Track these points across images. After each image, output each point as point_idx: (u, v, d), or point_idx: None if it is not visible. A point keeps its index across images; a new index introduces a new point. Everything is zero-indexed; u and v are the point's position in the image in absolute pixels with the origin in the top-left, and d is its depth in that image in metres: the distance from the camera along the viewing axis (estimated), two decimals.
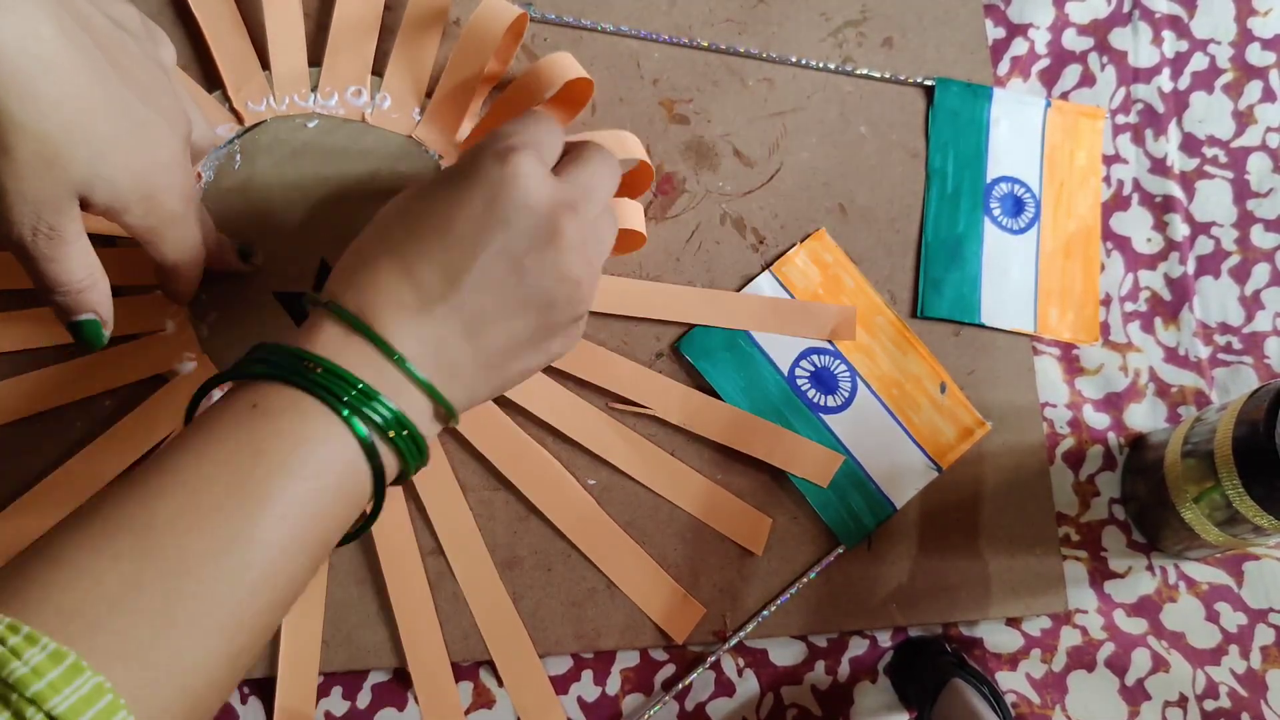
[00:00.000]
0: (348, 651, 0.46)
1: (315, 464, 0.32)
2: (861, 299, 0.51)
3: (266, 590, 0.31)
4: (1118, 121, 0.56)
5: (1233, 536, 0.46)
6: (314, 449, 0.32)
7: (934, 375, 0.51)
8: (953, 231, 0.52)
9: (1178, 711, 0.49)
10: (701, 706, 0.48)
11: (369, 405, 0.33)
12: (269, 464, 0.31)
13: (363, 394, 0.33)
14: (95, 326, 0.38)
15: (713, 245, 0.51)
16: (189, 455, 0.31)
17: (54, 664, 0.26)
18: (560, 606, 0.47)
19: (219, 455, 0.31)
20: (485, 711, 0.47)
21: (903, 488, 0.50)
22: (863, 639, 0.50)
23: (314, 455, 0.32)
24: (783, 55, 0.53)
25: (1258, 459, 0.42)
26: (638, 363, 0.49)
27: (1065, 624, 0.50)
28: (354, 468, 0.33)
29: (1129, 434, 0.53)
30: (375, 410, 0.33)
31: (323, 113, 0.49)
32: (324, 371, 0.32)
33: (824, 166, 0.52)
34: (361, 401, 0.33)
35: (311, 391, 0.32)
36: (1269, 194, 0.55)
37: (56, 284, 0.36)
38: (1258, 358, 0.54)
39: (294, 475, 0.31)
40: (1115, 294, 0.54)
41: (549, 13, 0.51)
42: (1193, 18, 0.56)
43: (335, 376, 0.32)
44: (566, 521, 0.47)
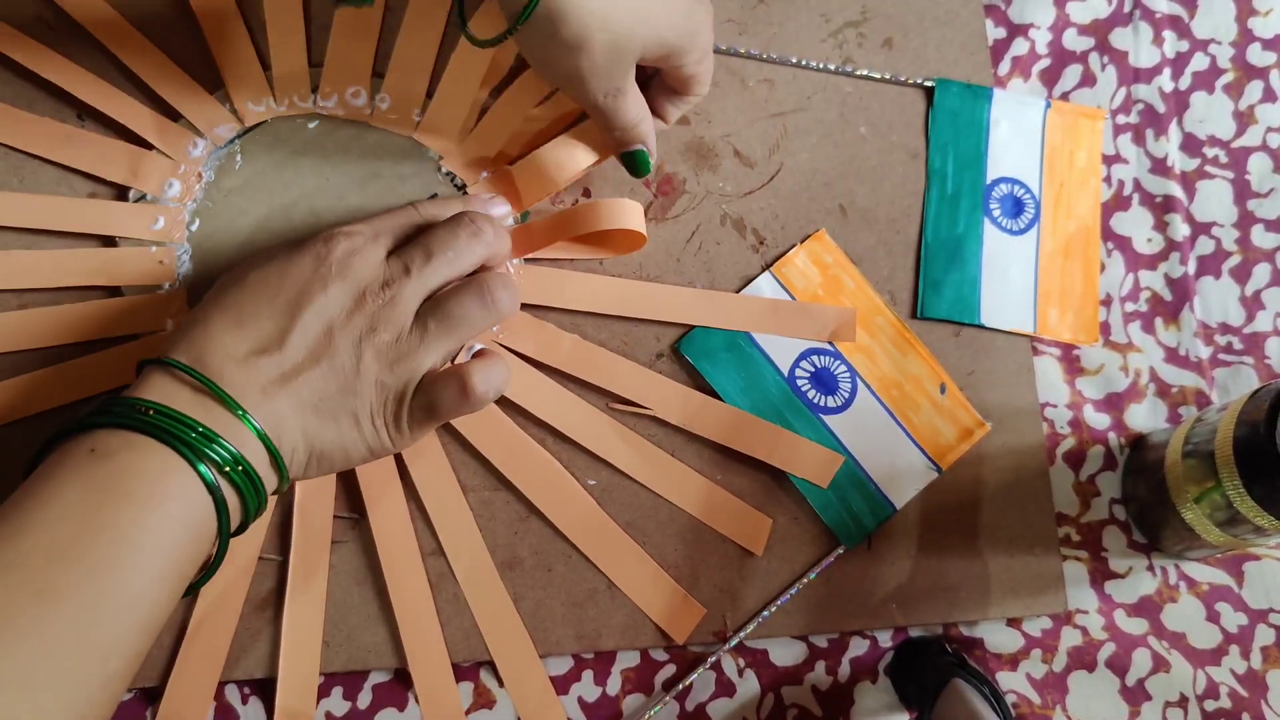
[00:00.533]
0: (348, 652, 0.46)
1: (159, 495, 0.33)
2: (861, 300, 0.51)
3: (132, 614, 0.32)
4: (1118, 121, 0.56)
5: (1233, 537, 0.46)
6: (155, 482, 0.33)
7: (934, 376, 0.51)
8: (952, 232, 0.52)
9: (1178, 712, 0.49)
10: (702, 707, 0.48)
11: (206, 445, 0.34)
12: (115, 498, 0.32)
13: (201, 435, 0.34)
14: (644, 155, 0.46)
15: (713, 246, 0.51)
16: (37, 500, 0.32)
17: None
18: (561, 607, 0.47)
19: (67, 496, 0.32)
20: (486, 712, 0.47)
21: (903, 488, 0.50)
22: (863, 639, 0.50)
23: (157, 487, 0.33)
24: (783, 56, 0.53)
25: (1258, 459, 0.42)
26: (638, 363, 0.49)
27: (1066, 624, 0.50)
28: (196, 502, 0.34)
29: (1129, 434, 0.53)
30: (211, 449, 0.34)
31: (323, 113, 0.49)
32: (156, 413, 0.34)
33: (824, 167, 0.52)
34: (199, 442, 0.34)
35: (147, 432, 0.34)
36: (1269, 194, 0.55)
37: (616, 123, 0.44)
38: (1258, 358, 0.54)
39: (141, 506, 0.32)
40: (1115, 294, 0.54)
41: None
42: (1193, 18, 0.56)
43: (168, 417, 0.34)
44: (566, 521, 0.47)
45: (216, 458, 0.34)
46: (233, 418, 0.35)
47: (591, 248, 0.49)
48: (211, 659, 0.44)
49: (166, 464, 0.33)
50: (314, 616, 0.45)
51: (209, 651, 0.44)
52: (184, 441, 0.33)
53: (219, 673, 0.44)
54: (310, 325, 0.37)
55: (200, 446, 0.34)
